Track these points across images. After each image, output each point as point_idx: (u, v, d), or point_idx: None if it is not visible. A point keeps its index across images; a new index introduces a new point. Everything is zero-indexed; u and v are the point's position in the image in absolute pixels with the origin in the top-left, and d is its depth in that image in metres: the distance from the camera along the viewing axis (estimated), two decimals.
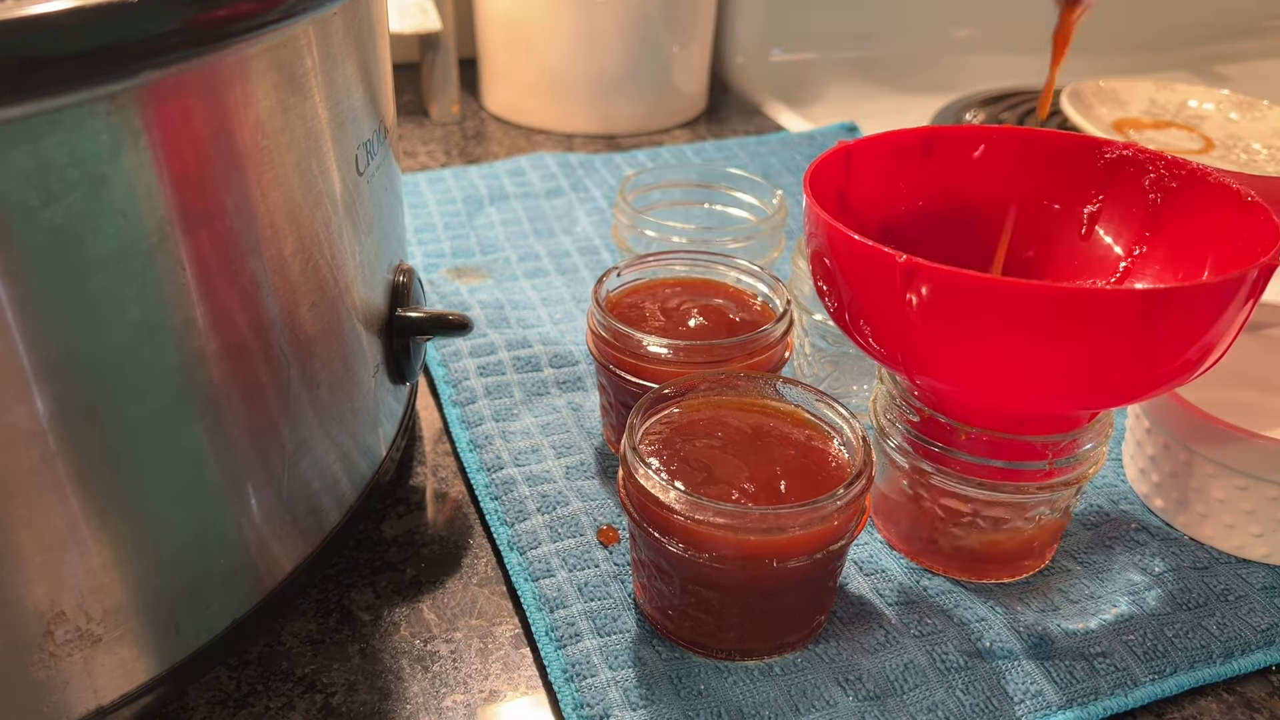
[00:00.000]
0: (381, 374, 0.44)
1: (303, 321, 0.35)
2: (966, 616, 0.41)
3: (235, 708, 0.37)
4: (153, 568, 0.33)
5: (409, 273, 0.45)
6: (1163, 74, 1.07)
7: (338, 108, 0.35)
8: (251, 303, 0.32)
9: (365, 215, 0.39)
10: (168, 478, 0.32)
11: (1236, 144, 0.82)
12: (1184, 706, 0.39)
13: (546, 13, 0.84)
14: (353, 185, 0.37)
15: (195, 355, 0.31)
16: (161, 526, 0.33)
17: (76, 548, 0.30)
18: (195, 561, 0.34)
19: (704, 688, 0.37)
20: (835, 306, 0.40)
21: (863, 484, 0.36)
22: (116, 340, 0.29)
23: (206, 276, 0.30)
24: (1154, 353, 0.35)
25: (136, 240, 0.28)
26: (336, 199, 0.36)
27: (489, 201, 0.73)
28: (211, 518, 0.34)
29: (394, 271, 0.44)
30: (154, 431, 0.31)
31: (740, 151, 0.83)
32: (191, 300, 0.30)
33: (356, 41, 0.36)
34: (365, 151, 0.38)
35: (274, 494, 0.37)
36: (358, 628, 0.40)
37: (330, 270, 0.36)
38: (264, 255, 0.32)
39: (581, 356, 0.56)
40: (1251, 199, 0.39)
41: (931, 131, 0.45)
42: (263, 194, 0.32)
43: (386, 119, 0.41)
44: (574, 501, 0.46)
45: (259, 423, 0.35)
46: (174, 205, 0.29)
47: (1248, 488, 0.43)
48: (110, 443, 0.30)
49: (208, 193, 0.30)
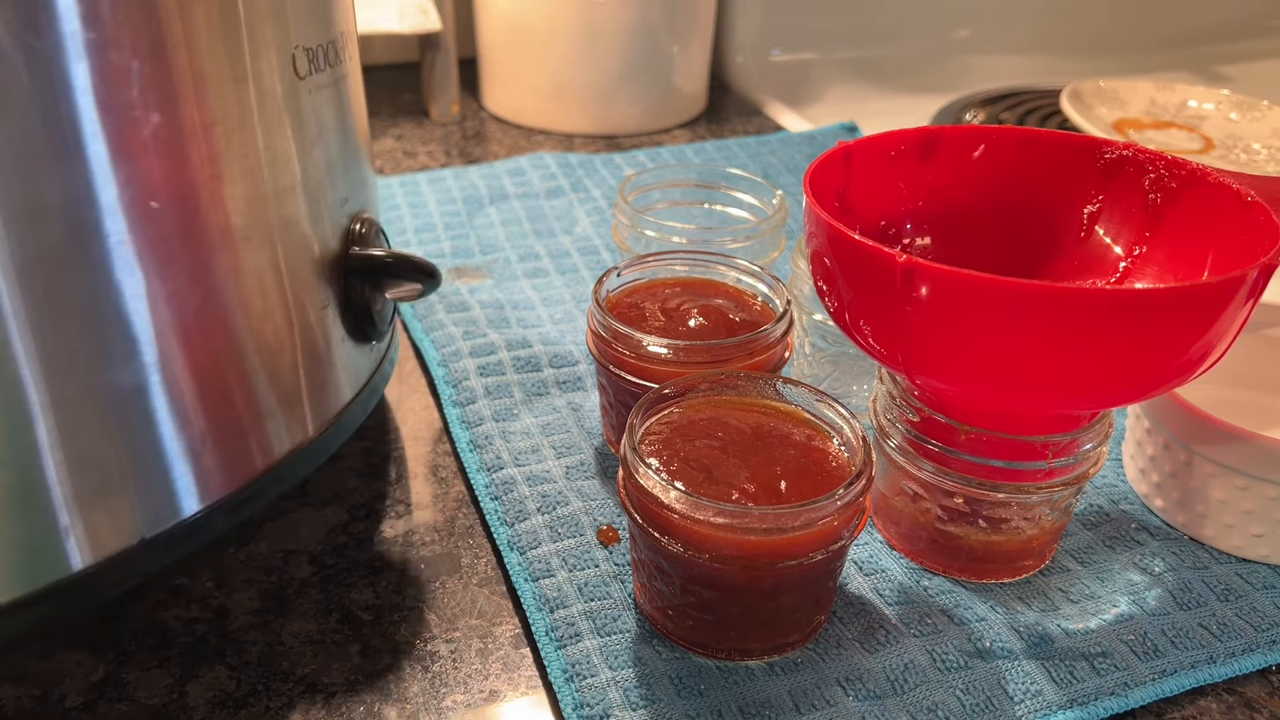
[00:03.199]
0: (335, 318, 0.42)
1: (226, 202, 0.35)
2: (966, 616, 0.41)
3: (235, 708, 0.37)
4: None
5: (369, 223, 0.44)
6: (1163, 74, 1.07)
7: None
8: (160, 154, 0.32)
9: (306, 126, 0.39)
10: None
11: (1236, 144, 0.82)
12: (1184, 706, 0.39)
13: (546, 13, 0.84)
14: (290, 86, 0.37)
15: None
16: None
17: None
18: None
19: (704, 688, 0.37)
20: (835, 306, 0.40)
21: (863, 484, 0.36)
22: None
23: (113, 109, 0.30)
24: (1154, 353, 0.35)
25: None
26: (267, 89, 0.36)
27: (489, 201, 0.73)
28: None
29: (352, 218, 0.43)
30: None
31: (740, 151, 0.83)
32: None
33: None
34: (307, 58, 0.38)
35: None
36: (358, 628, 0.40)
37: (258, 158, 0.36)
38: (177, 101, 0.32)
39: (581, 356, 0.56)
40: (1251, 199, 0.39)
41: (931, 131, 0.45)
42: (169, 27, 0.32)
43: (341, 41, 0.41)
44: (574, 501, 0.46)
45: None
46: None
47: (1248, 488, 0.43)
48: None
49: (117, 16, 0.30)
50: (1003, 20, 1.12)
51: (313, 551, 0.44)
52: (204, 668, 0.38)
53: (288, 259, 0.38)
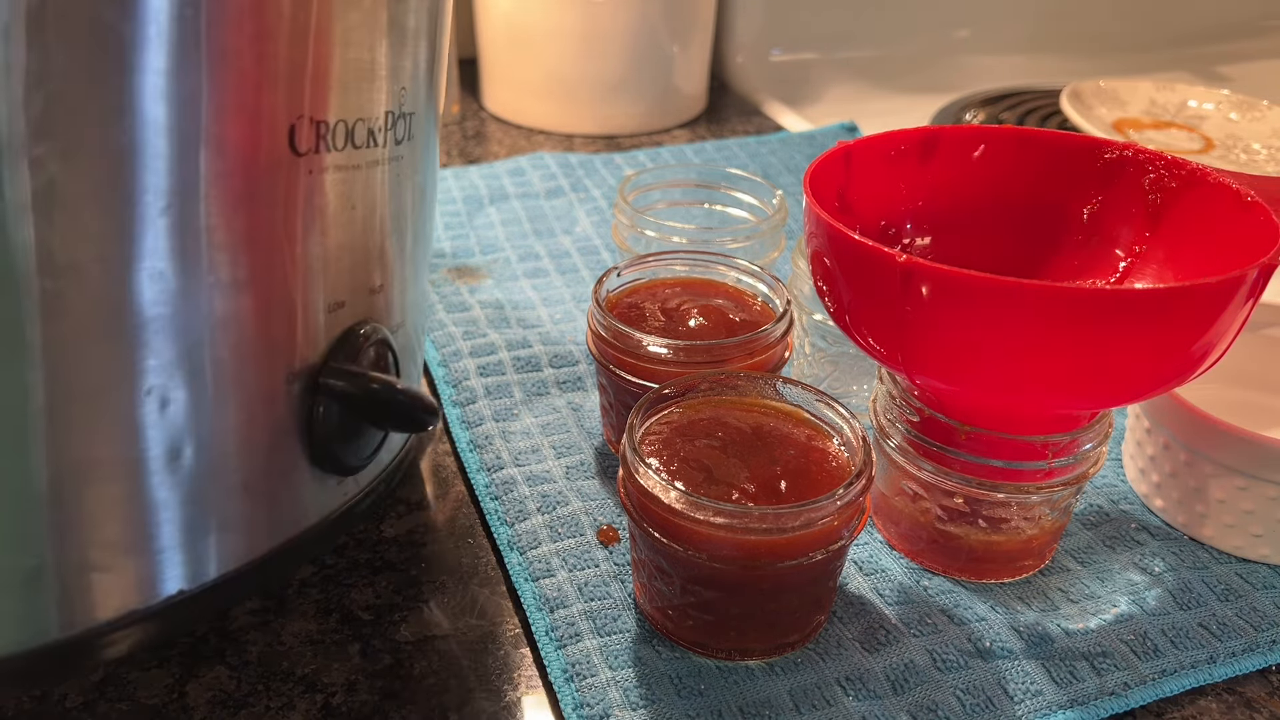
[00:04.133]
0: (291, 440, 0.37)
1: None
2: (966, 616, 0.41)
3: (235, 708, 0.37)
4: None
5: (375, 338, 0.39)
6: (1163, 74, 1.07)
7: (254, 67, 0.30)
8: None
9: (290, 215, 0.33)
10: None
11: (1236, 144, 0.82)
12: (1184, 706, 0.39)
13: (546, 13, 0.84)
14: (279, 164, 0.32)
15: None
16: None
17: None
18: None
19: (704, 688, 0.37)
20: (835, 306, 0.40)
21: (863, 484, 0.36)
22: None
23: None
24: (1153, 353, 0.35)
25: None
26: (246, 166, 0.31)
27: (489, 201, 0.73)
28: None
29: (352, 321, 0.38)
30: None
31: (740, 151, 0.83)
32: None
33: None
34: (315, 133, 0.33)
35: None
36: (358, 628, 0.40)
37: (218, 246, 0.32)
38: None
39: (581, 356, 0.56)
40: (1251, 199, 0.39)
41: (931, 131, 0.45)
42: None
43: (382, 123, 0.36)
44: (574, 501, 0.46)
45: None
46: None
47: (1248, 488, 0.43)
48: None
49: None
50: (1003, 20, 1.12)
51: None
52: (204, 668, 0.38)
53: (234, 366, 0.34)
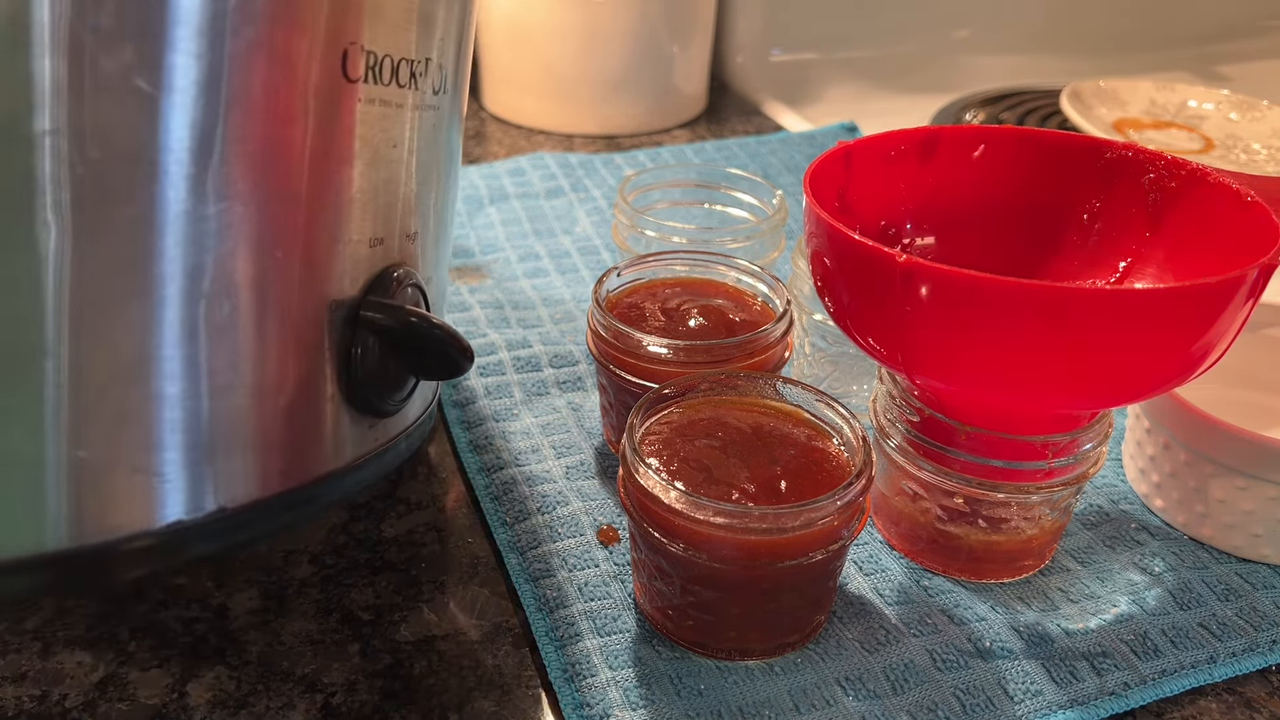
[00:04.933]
0: (328, 371, 0.37)
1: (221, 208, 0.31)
2: (966, 616, 0.41)
3: (235, 708, 0.37)
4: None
5: (410, 280, 0.39)
6: (1163, 74, 1.07)
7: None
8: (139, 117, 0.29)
9: (342, 140, 0.34)
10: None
11: (1236, 144, 0.82)
12: (1184, 706, 0.39)
13: (547, 13, 0.84)
14: (333, 88, 0.33)
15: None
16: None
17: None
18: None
19: (704, 688, 0.37)
20: (835, 306, 0.40)
21: (863, 484, 0.36)
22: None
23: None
24: (1154, 353, 0.35)
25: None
26: (302, 86, 0.32)
27: (489, 201, 0.73)
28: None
29: (388, 262, 0.38)
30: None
31: (740, 151, 0.83)
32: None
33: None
34: (365, 62, 0.33)
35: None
36: (358, 628, 0.40)
37: (270, 162, 0.32)
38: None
39: (581, 356, 0.56)
40: (1251, 199, 0.39)
41: (931, 131, 0.45)
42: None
43: (426, 68, 0.36)
44: (574, 501, 0.46)
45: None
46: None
47: (1248, 488, 0.43)
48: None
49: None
50: (1003, 20, 1.12)
51: (313, 551, 0.44)
52: (204, 668, 0.38)
53: (278, 288, 0.34)
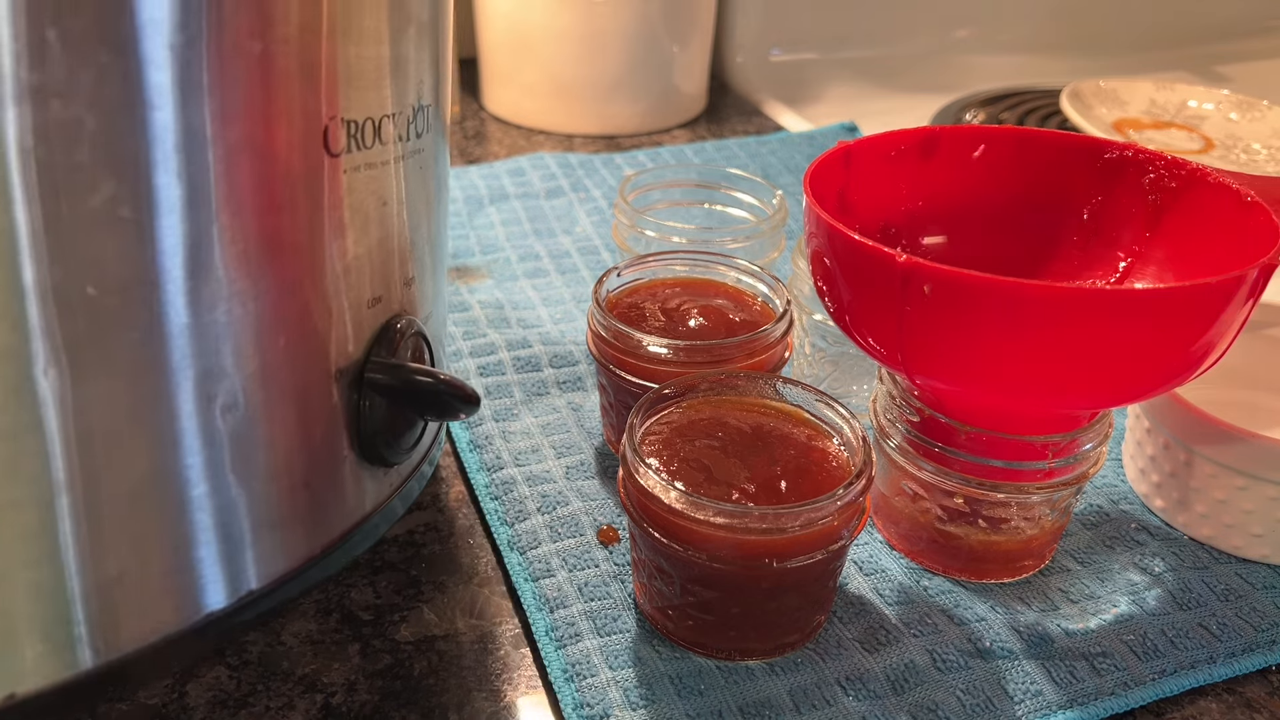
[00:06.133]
0: (339, 435, 0.38)
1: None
2: (966, 616, 0.41)
3: (235, 708, 0.37)
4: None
5: (412, 331, 0.39)
6: (1163, 74, 1.07)
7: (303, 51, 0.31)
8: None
9: (333, 214, 0.34)
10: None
11: (1236, 144, 0.82)
12: (1184, 706, 0.39)
13: (547, 13, 0.84)
14: (318, 167, 0.33)
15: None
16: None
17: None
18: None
19: (704, 688, 0.37)
20: (835, 306, 0.40)
21: (863, 484, 0.36)
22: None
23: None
24: (1154, 353, 0.35)
25: None
26: (286, 174, 0.32)
27: (489, 201, 0.73)
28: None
29: (389, 315, 0.38)
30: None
31: (740, 151, 0.83)
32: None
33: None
34: (346, 133, 0.34)
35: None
36: (358, 628, 0.40)
37: (264, 255, 0.32)
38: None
39: (581, 356, 0.56)
40: (1251, 199, 0.39)
41: (931, 131, 0.45)
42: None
43: (404, 117, 0.37)
44: (574, 501, 0.46)
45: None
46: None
47: (1248, 488, 0.43)
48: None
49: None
50: (1003, 20, 1.12)
51: None
52: (204, 668, 0.38)
53: (286, 372, 0.35)
